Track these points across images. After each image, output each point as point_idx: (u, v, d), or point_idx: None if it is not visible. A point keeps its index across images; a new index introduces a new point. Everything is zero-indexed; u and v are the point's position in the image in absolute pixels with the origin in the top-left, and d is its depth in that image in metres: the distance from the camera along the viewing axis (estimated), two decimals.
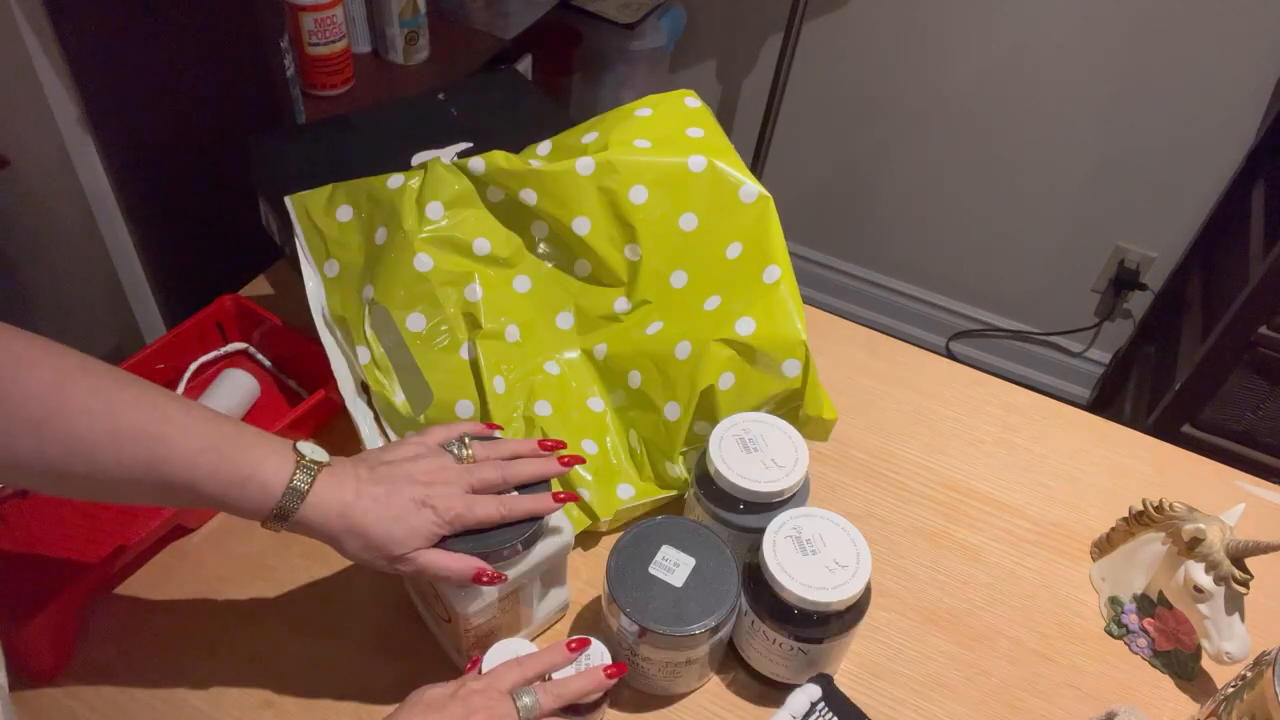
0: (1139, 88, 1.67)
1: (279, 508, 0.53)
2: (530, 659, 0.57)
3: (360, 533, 0.55)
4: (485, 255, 0.77)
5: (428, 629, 0.69)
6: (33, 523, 0.70)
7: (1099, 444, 0.89)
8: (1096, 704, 0.70)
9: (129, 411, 0.51)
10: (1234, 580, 0.65)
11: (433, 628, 0.68)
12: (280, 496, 0.53)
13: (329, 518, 0.54)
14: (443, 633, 0.67)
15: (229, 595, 0.70)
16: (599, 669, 0.58)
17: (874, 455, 0.86)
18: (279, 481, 0.53)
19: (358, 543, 0.55)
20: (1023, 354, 2.09)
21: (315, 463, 0.55)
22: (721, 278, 0.76)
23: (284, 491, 0.53)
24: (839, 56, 1.87)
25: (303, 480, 0.54)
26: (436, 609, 0.64)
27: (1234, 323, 1.37)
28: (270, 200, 0.87)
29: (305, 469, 0.54)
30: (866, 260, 2.14)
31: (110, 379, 0.51)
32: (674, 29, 1.85)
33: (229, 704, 0.64)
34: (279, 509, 0.53)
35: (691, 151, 0.77)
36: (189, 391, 0.83)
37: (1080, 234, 1.87)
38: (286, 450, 0.55)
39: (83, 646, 0.66)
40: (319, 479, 0.55)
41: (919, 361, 0.96)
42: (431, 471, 0.58)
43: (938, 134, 1.88)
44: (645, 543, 0.65)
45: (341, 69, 1.31)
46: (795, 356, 0.72)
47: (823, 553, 0.63)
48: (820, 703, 0.65)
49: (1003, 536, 0.81)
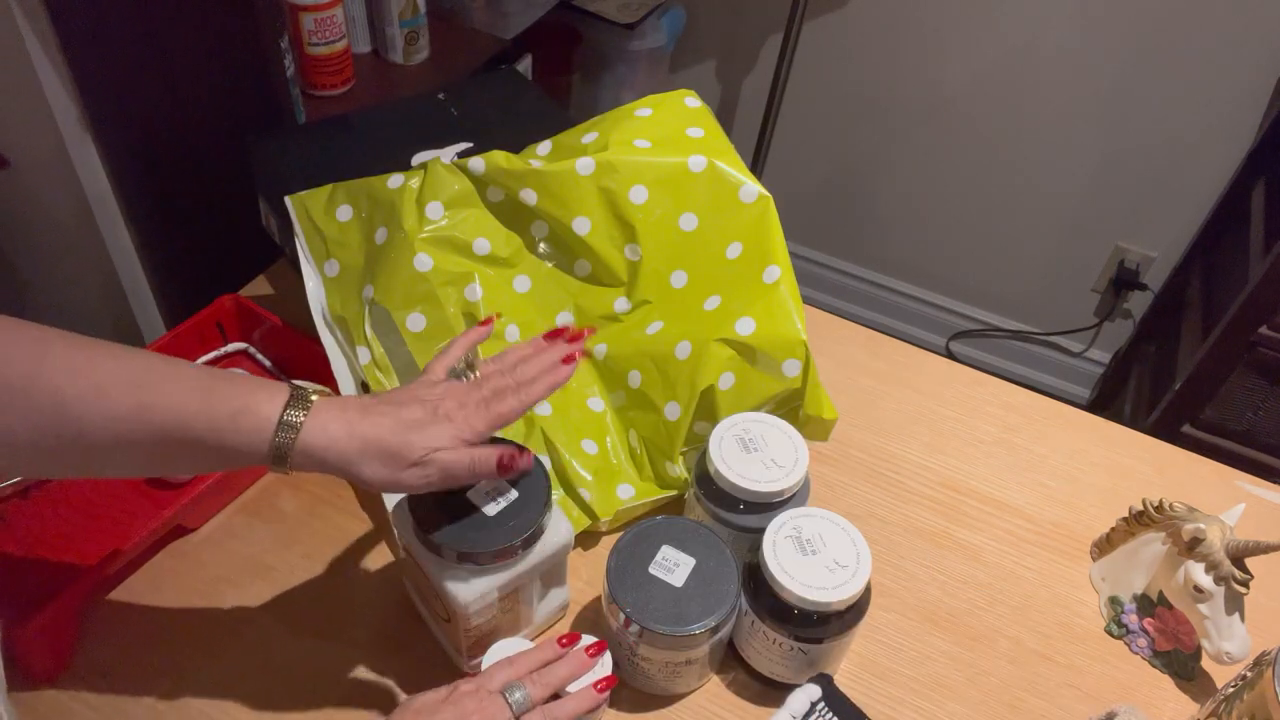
0: (1139, 88, 1.67)
1: (278, 437, 0.50)
2: (520, 657, 0.57)
3: (374, 444, 0.51)
4: (485, 255, 0.77)
5: (427, 629, 0.69)
6: (33, 523, 0.70)
7: (1099, 444, 0.89)
8: (1096, 704, 0.70)
9: (110, 363, 0.48)
10: (1234, 580, 0.65)
11: (433, 628, 0.69)
12: (277, 424, 0.50)
13: (335, 438, 0.51)
14: (443, 632, 0.67)
15: (229, 595, 0.70)
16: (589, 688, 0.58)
17: (874, 455, 0.86)
18: (273, 408, 0.50)
19: (373, 458, 0.51)
20: (1023, 354, 2.09)
21: (312, 389, 0.53)
22: (721, 278, 0.76)
23: (280, 418, 0.50)
24: (839, 56, 1.87)
25: (298, 407, 0.51)
26: (436, 608, 0.65)
27: (1234, 323, 1.37)
28: (270, 200, 0.87)
29: (299, 395, 0.51)
30: (866, 260, 2.14)
31: (89, 340, 0.49)
32: (674, 29, 1.85)
33: (229, 704, 0.64)
34: (278, 440, 0.50)
35: (691, 151, 0.77)
36: None
37: (1080, 234, 1.87)
38: (279, 384, 0.52)
39: (83, 647, 0.66)
40: (318, 403, 0.52)
41: (919, 361, 0.96)
42: (440, 392, 0.56)
43: (938, 134, 1.88)
44: (645, 543, 0.65)
45: (341, 69, 1.31)
46: (795, 356, 0.72)
47: (823, 553, 0.63)
48: (820, 703, 0.65)
49: (1003, 536, 0.81)
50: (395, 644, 0.69)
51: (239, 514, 0.76)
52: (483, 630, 0.63)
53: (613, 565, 0.63)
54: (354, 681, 0.66)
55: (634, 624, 0.61)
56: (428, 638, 0.69)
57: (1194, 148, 1.68)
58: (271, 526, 0.75)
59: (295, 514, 0.76)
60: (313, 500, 0.77)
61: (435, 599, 0.63)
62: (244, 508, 0.76)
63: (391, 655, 0.68)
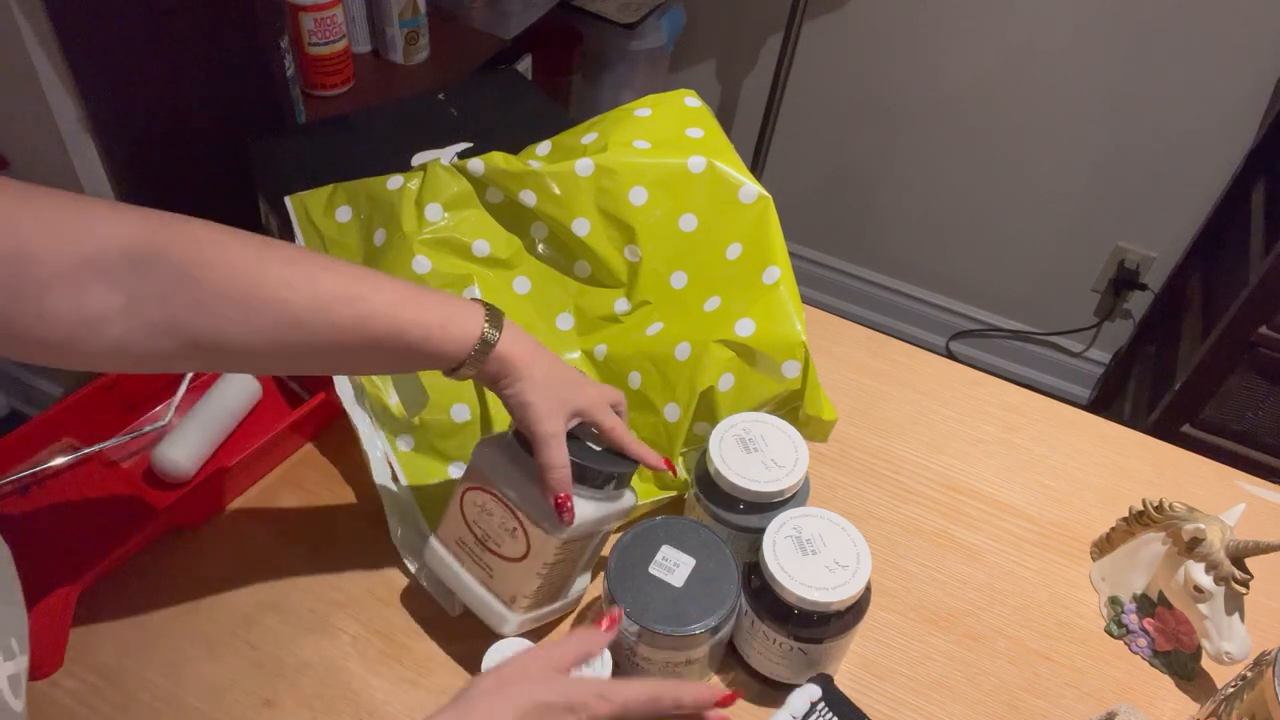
0: (1139, 88, 1.67)
1: (483, 337, 0.57)
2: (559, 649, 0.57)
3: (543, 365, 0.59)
4: (484, 256, 0.77)
5: (428, 630, 0.69)
6: (31, 521, 0.70)
7: (1099, 444, 0.89)
8: (1096, 704, 0.70)
9: (326, 276, 0.53)
10: (1234, 580, 0.65)
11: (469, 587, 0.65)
12: (483, 325, 0.57)
13: (522, 352, 0.58)
14: (495, 578, 0.65)
15: (229, 595, 0.70)
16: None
17: (874, 455, 0.86)
18: (476, 317, 0.57)
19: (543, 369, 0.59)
20: (1023, 354, 2.09)
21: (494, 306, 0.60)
22: (721, 278, 0.76)
23: (485, 321, 0.57)
24: (839, 56, 1.87)
25: (493, 316, 0.58)
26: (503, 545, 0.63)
27: (1234, 323, 1.37)
28: (270, 200, 0.87)
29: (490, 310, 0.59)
30: (866, 260, 2.14)
31: (297, 250, 0.55)
32: (674, 29, 1.85)
33: (229, 704, 0.64)
34: (483, 338, 0.57)
35: (691, 152, 0.77)
36: (190, 392, 0.83)
37: (1080, 234, 1.87)
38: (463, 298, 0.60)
39: (83, 646, 0.66)
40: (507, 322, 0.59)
41: (919, 361, 0.96)
42: None
43: (938, 134, 1.88)
44: (645, 543, 0.65)
45: (341, 69, 1.31)
46: (795, 358, 0.72)
47: (823, 553, 0.63)
48: (820, 703, 0.65)
49: (1002, 536, 0.81)
50: (395, 644, 0.69)
51: (239, 514, 0.76)
52: (556, 574, 0.64)
53: (613, 565, 0.63)
54: (354, 681, 0.66)
55: (634, 624, 0.61)
56: (428, 638, 0.69)
57: (1194, 148, 1.68)
58: (271, 526, 0.75)
59: (295, 514, 0.76)
60: (313, 500, 0.77)
61: (511, 532, 0.63)
62: (244, 508, 0.76)
63: (391, 655, 0.68)
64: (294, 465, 0.80)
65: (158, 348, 0.50)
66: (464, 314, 0.57)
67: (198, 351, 0.51)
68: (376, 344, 0.55)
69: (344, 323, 0.53)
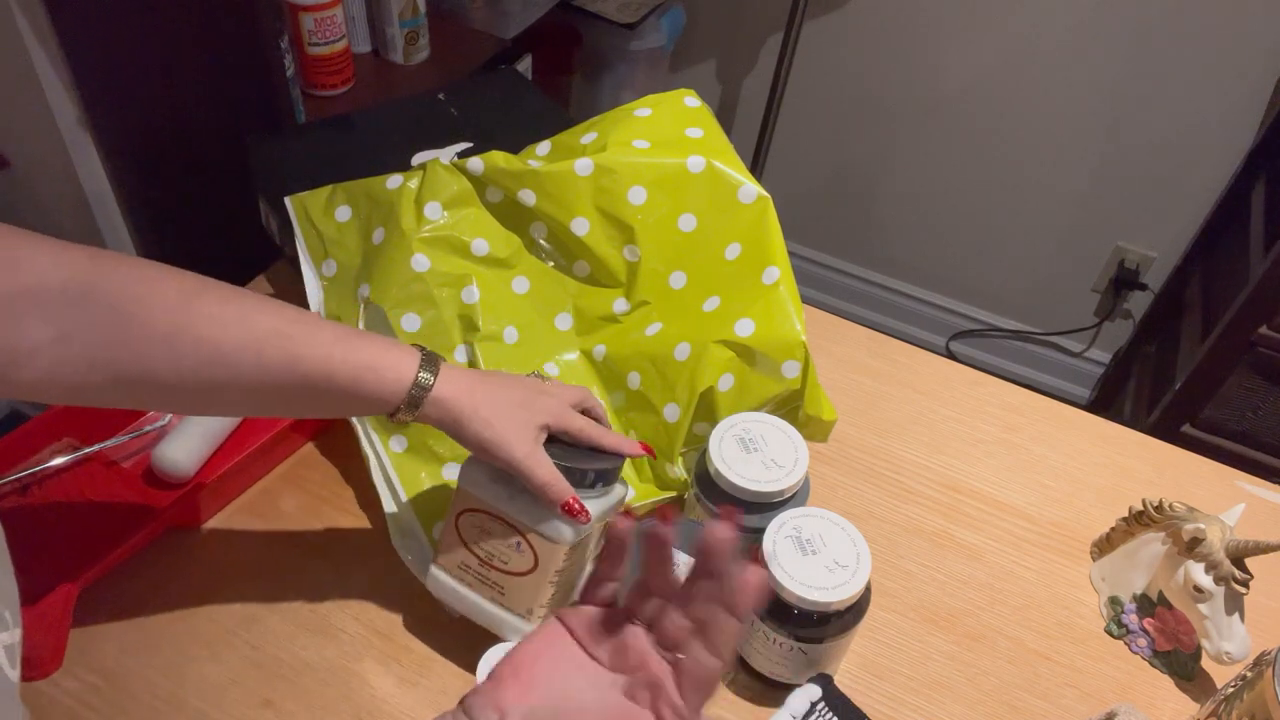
0: (1139, 88, 1.67)
1: (417, 382, 0.56)
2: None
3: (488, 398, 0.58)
4: (484, 256, 0.77)
5: (429, 630, 0.69)
6: (31, 521, 0.70)
7: (1099, 444, 0.89)
8: (1096, 704, 0.70)
9: (261, 316, 0.53)
10: (1234, 580, 0.65)
11: (481, 607, 0.65)
12: (417, 369, 0.56)
13: (459, 392, 0.57)
14: (507, 595, 0.64)
15: (229, 595, 0.70)
16: None
17: (874, 455, 0.86)
18: (411, 360, 0.57)
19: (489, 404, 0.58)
20: (1023, 354, 2.09)
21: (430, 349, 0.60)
22: (721, 279, 0.76)
23: (419, 365, 0.57)
24: (839, 56, 1.87)
25: (429, 360, 0.57)
26: (509, 562, 0.63)
27: (1234, 323, 1.37)
28: (270, 200, 0.87)
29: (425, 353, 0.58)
30: (866, 260, 2.14)
31: (235, 291, 0.54)
32: (674, 29, 1.85)
33: (229, 704, 0.64)
34: (416, 383, 0.56)
35: (690, 152, 0.76)
36: None
37: (1080, 234, 1.87)
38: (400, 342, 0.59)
39: (83, 646, 0.66)
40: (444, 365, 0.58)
41: (919, 361, 0.96)
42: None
43: (938, 134, 1.88)
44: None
45: (341, 69, 1.31)
46: (795, 358, 0.72)
47: (823, 553, 0.63)
48: (820, 703, 0.65)
49: (1002, 536, 0.81)
50: (396, 644, 0.69)
51: (239, 514, 0.76)
52: (566, 578, 0.63)
53: None
54: (354, 681, 0.66)
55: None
56: (428, 637, 0.69)
57: (1194, 148, 1.68)
58: (271, 526, 0.75)
59: (295, 514, 0.76)
60: (313, 500, 0.77)
61: (516, 550, 0.62)
62: (244, 508, 0.76)
63: (392, 655, 0.68)
64: (294, 465, 0.80)
65: (88, 381, 0.50)
66: (397, 357, 0.57)
67: (127, 387, 0.51)
68: (308, 385, 0.54)
69: (273, 363, 0.53)
